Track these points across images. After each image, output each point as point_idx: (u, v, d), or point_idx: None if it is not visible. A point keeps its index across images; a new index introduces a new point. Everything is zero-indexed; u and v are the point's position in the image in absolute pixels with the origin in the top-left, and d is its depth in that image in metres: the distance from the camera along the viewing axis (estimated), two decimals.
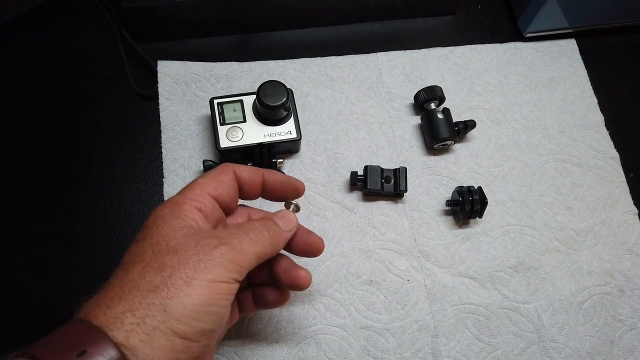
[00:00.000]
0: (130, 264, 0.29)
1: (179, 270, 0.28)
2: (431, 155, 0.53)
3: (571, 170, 0.53)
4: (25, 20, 0.56)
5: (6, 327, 0.44)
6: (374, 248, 0.48)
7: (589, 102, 0.57)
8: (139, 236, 0.30)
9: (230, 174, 0.35)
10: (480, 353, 0.45)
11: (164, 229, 0.30)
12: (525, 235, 0.50)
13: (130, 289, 0.27)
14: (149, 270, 0.28)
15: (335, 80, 0.55)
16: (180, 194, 0.33)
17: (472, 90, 0.56)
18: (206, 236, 0.30)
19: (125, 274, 0.28)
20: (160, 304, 0.26)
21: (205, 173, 0.35)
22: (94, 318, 0.26)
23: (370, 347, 0.44)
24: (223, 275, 0.29)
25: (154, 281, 0.27)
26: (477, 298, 0.47)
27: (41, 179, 0.50)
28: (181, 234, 0.29)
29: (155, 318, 0.26)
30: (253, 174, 0.36)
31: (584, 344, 0.46)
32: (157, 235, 0.29)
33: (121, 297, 0.27)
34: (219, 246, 0.29)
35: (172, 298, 0.27)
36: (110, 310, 0.26)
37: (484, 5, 0.62)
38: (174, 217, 0.30)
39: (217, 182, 0.34)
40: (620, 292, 0.48)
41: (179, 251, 0.28)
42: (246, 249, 0.31)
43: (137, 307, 0.26)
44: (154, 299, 0.26)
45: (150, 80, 0.54)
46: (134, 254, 0.29)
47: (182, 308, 0.27)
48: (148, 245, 0.29)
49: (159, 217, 0.31)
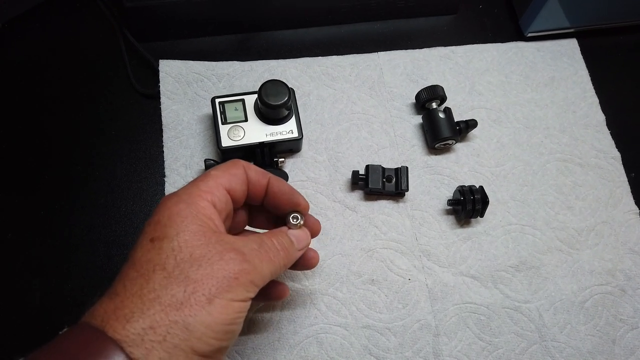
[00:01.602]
0: (149, 269, 0.27)
1: (202, 285, 0.27)
2: (432, 155, 0.53)
3: (573, 169, 0.53)
4: (26, 20, 0.56)
5: (7, 326, 0.44)
6: (376, 247, 0.48)
7: (590, 101, 0.57)
8: (153, 232, 0.29)
9: (241, 169, 0.34)
10: (481, 352, 0.45)
11: (185, 234, 0.28)
12: (527, 235, 0.50)
13: (151, 302, 0.26)
14: (172, 282, 0.27)
15: (337, 80, 0.55)
16: (194, 185, 0.31)
17: (474, 90, 0.56)
18: (229, 248, 0.29)
19: (145, 282, 0.27)
20: (182, 322, 0.26)
21: (216, 166, 0.34)
22: (110, 329, 0.25)
23: (371, 347, 0.44)
24: (243, 295, 0.29)
25: (177, 296, 0.26)
26: (478, 297, 0.47)
27: (42, 178, 0.50)
28: (203, 242, 0.29)
29: (177, 336, 0.26)
30: (260, 175, 0.35)
31: (586, 343, 0.46)
32: (177, 239, 0.28)
33: (142, 311, 0.26)
34: (242, 264, 0.29)
35: (194, 316, 0.26)
36: (130, 324, 0.25)
37: (485, 5, 0.62)
38: (192, 216, 0.29)
39: (230, 175, 0.33)
40: (621, 291, 0.48)
41: (203, 264, 0.28)
42: (265, 270, 0.31)
43: (159, 324, 0.26)
44: (176, 316, 0.26)
45: (151, 79, 0.54)
46: (152, 256, 0.28)
47: (203, 327, 0.26)
48: (168, 249, 0.28)
49: (175, 213, 0.29)
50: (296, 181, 0.50)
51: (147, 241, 0.29)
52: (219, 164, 0.35)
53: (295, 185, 0.50)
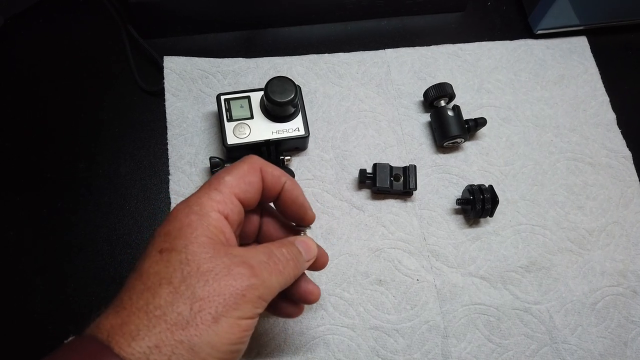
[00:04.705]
0: (155, 282, 0.27)
1: (208, 304, 0.26)
2: (441, 154, 0.52)
3: (583, 169, 0.52)
4: (29, 16, 0.56)
5: (8, 326, 0.43)
6: (383, 247, 0.47)
7: (601, 100, 0.56)
8: (162, 244, 0.28)
9: (257, 175, 0.33)
10: (491, 354, 0.44)
11: (194, 246, 0.28)
12: (537, 235, 0.49)
13: (157, 320, 0.26)
14: (178, 298, 0.26)
15: (344, 77, 0.55)
16: (206, 193, 0.30)
17: (482, 88, 0.55)
18: (237, 262, 0.28)
19: (152, 296, 0.26)
20: (188, 343, 0.25)
21: (231, 167, 0.32)
22: (116, 346, 0.25)
23: (379, 348, 0.44)
24: (250, 312, 0.28)
25: (183, 314, 0.26)
26: (487, 298, 0.46)
27: (45, 175, 0.49)
28: (211, 254, 0.28)
29: (182, 357, 0.25)
30: (277, 179, 0.34)
31: (597, 345, 0.45)
32: (185, 252, 0.28)
33: (148, 328, 0.25)
34: (250, 279, 0.28)
35: (199, 336, 0.26)
36: (135, 342, 0.25)
37: (493, 2, 0.61)
38: (202, 228, 0.28)
39: (245, 183, 0.32)
40: (633, 292, 0.48)
41: (210, 279, 0.27)
42: (274, 283, 0.30)
43: (165, 343, 0.25)
44: (182, 336, 0.25)
45: (156, 76, 0.53)
46: (159, 269, 0.27)
47: (209, 348, 0.26)
48: (176, 261, 0.27)
49: (186, 225, 0.29)
50: (302, 180, 0.50)
51: (155, 252, 0.28)
52: (232, 164, 0.33)
53: (302, 184, 0.49)
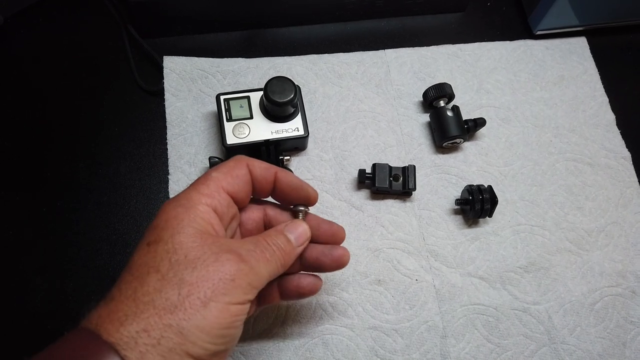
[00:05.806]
0: (143, 272, 0.27)
1: (197, 288, 0.27)
2: (440, 154, 0.52)
3: (582, 169, 0.52)
4: (28, 15, 0.56)
5: (8, 326, 0.43)
6: (382, 247, 0.48)
7: (600, 100, 0.56)
8: (150, 237, 0.29)
9: (244, 168, 0.33)
10: (490, 354, 0.44)
11: (180, 236, 0.28)
12: (536, 235, 0.49)
13: (145, 306, 0.26)
14: (166, 285, 0.27)
15: (343, 77, 0.55)
16: (194, 188, 0.31)
17: (482, 88, 0.55)
18: (225, 249, 0.29)
19: (140, 285, 0.27)
20: (176, 326, 0.26)
21: (217, 165, 0.33)
22: (105, 332, 0.25)
23: (378, 348, 0.44)
24: (240, 297, 0.28)
25: (171, 299, 0.26)
26: (486, 299, 0.46)
27: (45, 175, 0.49)
28: (199, 243, 0.28)
29: (172, 340, 0.25)
30: (266, 171, 0.34)
31: (596, 346, 0.45)
32: (172, 242, 0.28)
33: (135, 314, 0.26)
34: (239, 264, 0.28)
35: (188, 320, 0.26)
36: (124, 327, 0.25)
37: (493, 2, 0.61)
38: (189, 220, 0.29)
39: (232, 176, 0.32)
40: (632, 293, 0.48)
41: (198, 266, 0.27)
42: (262, 271, 0.30)
43: (153, 327, 0.25)
44: (170, 319, 0.26)
45: (155, 76, 0.53)
46: (147, 259, 0.28)
47: (198, 331, 0.26)
48: (163, 251, 0.28)
49: (172, 217, 0.29)
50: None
51: (144, 245, 0.29)
52: (221, 162, 0.34)
53: None
